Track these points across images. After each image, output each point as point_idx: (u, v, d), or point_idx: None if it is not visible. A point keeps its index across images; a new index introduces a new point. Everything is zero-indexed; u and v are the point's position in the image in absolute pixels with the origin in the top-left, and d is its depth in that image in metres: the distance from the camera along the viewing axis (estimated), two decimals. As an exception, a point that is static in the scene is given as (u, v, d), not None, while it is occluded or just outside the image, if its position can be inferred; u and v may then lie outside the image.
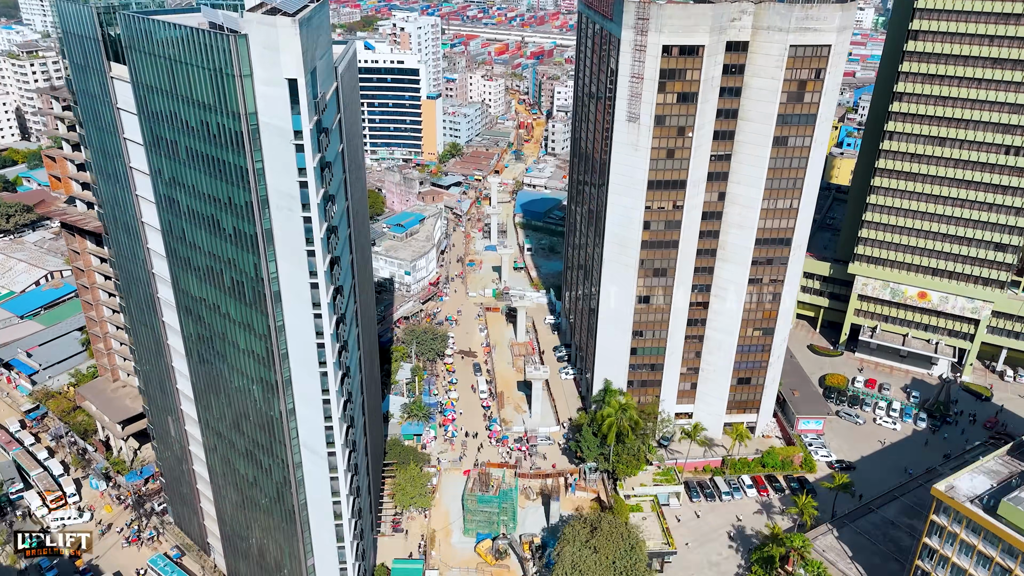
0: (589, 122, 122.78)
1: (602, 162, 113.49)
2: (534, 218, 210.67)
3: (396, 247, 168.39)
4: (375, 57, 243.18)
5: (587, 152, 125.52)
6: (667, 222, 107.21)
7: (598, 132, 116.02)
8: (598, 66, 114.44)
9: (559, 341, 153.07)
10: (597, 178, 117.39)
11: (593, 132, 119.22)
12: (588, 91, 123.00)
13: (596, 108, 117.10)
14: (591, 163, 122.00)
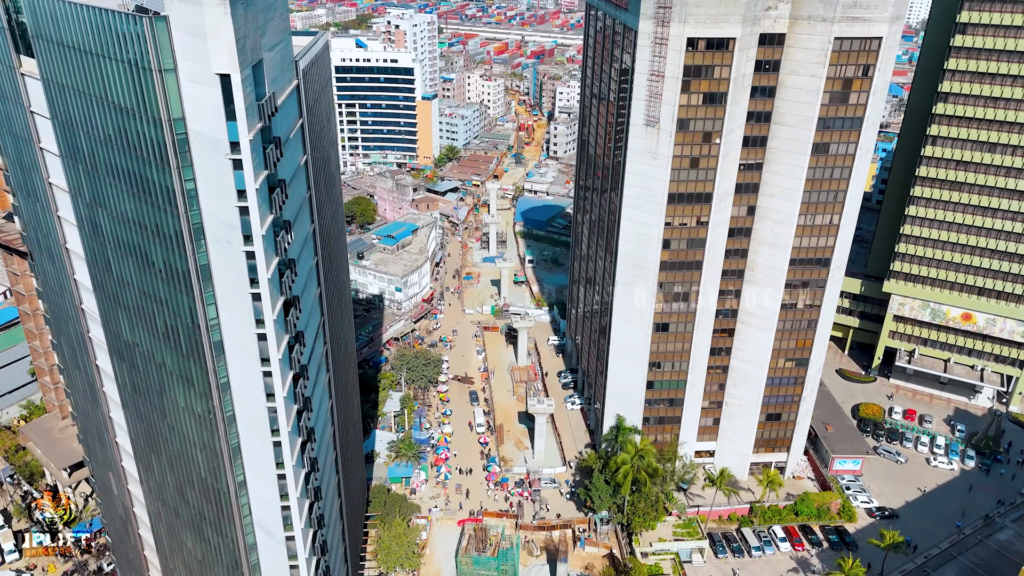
0: (599, 126, 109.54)
1: (614, 171, 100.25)
2: (536, 227, 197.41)
3: (386, 261, 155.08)
4: (367, 56, 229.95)
5: (596, 158, 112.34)
6: (690, 240, 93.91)
7: (609, 137, 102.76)
8: (610, 63, 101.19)
9: (564, 365, 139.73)
10: (608, 189, 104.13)
11: (604, 137, 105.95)
12: (597, 91, 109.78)
13: (607, 110, 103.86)
14: (601, 171, 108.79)
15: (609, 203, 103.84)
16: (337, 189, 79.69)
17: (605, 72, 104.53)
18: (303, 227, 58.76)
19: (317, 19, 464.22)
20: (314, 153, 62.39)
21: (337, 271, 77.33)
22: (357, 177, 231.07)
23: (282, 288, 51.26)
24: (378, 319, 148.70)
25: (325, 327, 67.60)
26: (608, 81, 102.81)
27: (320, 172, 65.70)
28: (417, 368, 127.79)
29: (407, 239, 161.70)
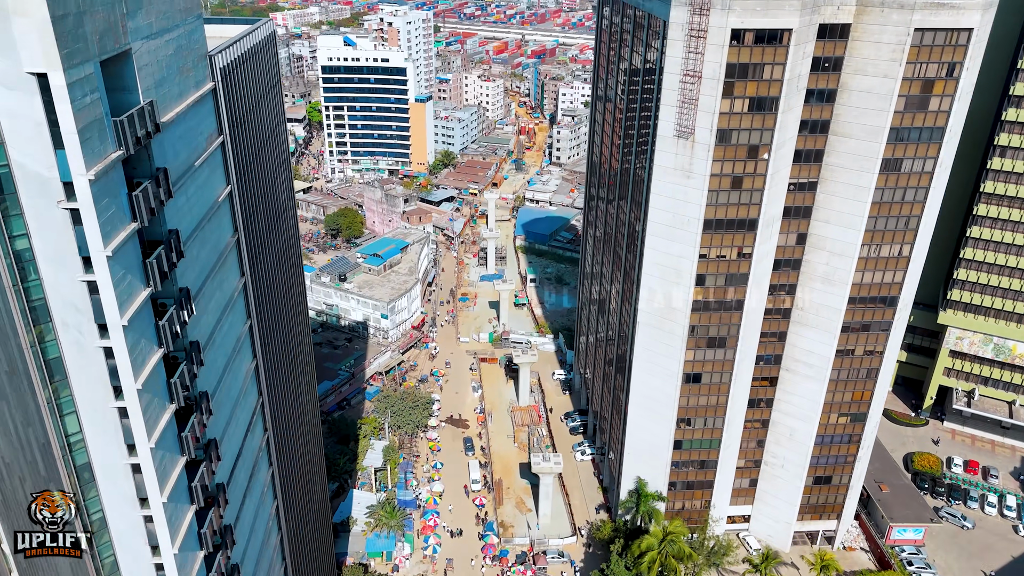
0: (614, 135, 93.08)
1: (634, 189, 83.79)
2: (538, 241, 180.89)
3: (371, 283, 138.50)
4: (356, 55, 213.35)
5: (610, 171, 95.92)
6: (729, 276, 77.38)
7: (628, 149, 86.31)
8: (629, 62, 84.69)
9: (571, 404, 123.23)
10: (627, 211, 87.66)
11: (620, 148, 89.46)
12: (612, 95, 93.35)
13: (625, 118, 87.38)
14: (617, 186, 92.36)
15: (628, 227, 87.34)
16: (289, 221, 63.08)
17: (623, 72, 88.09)
18: (223, 286, 42.26)
19: (310, 17, 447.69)
20: (245, 182, 45.89)
21: (288, 322, 60.80)
22: (345, 185, 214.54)
23: (173, 391, 34.70)
24: (362, 350, 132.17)
25: (266, 409, 51.04)
26: (627, 83, 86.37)
27: (257, 205, 49.19)
28: (404, 412, 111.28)
29: (395, 258, 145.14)
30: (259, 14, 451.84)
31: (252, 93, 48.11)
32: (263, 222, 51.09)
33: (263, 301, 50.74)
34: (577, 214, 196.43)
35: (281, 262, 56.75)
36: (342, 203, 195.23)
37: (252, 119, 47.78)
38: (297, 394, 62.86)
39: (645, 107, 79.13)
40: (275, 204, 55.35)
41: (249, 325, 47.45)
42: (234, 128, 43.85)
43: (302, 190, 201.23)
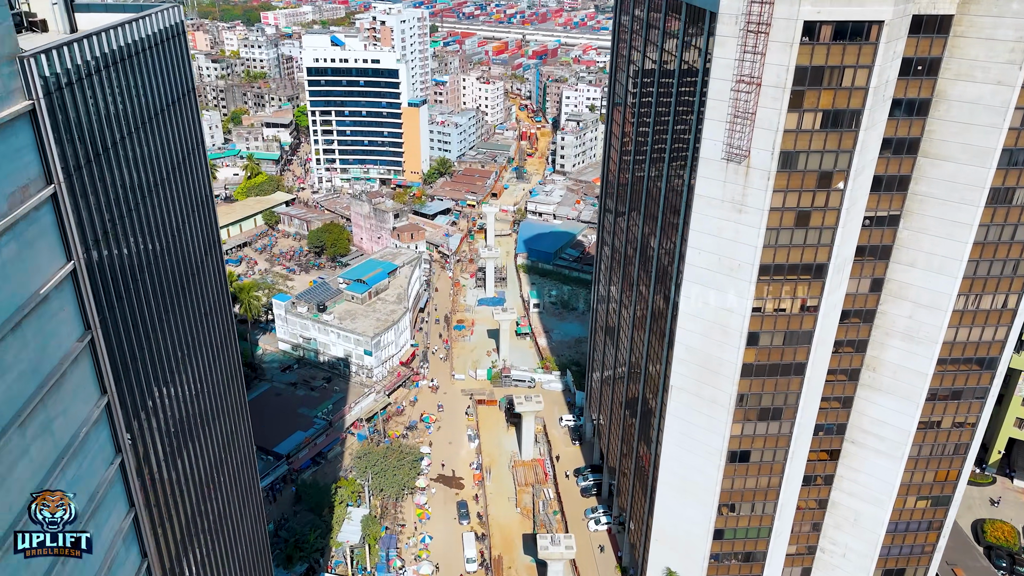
0: (637, 151, 77.17)
1: (665, 224, 67.91)
2: (541, 259, 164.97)
3: (355, 313, 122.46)
4: (344, 55, 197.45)
5: (630, 191, 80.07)
6: (790, 334, 61.47)
7: (656, 170, 70.48)
8: (659, 63, 68.79)
9: (582, 458, 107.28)
10: (654, 245, 71.77)
11: (647, 168, 73.54)
12: (635, 102, 77.41)
13: (652, 132, 71.48)
14: (640, 214, 76.49)
15: (657, 264, 71.45)
16: (211, 285, 46.91)
17: (648, 75, 72.23)
18: (60, 418, 26.27)
19: (303, 16, 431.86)
20: (110, 250, 29.89)
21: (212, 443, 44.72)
22: (332, 197, 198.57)
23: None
24: (342, 391, 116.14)
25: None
26: (654, 90, 70.48)
27: (138, 280, 33.16)
28: (387, 472, 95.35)
29: (382, 284, 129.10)
30: (251, 13, 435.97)
31: (126, 114, 32.08)
32: (154, 301, 35.05)
33: (155, 415, 34.77)
34: (584, 228, 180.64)
35: (193, 348, 40.71)
36: (328, 217, 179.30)
37: (124, 154, 31.71)
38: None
39: (681, 120, 63.25)
40: (181, 269, 39.32)
41: (120, 463, 31.45)
42: (83, 170, 27.89)
43: (284, 202, 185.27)
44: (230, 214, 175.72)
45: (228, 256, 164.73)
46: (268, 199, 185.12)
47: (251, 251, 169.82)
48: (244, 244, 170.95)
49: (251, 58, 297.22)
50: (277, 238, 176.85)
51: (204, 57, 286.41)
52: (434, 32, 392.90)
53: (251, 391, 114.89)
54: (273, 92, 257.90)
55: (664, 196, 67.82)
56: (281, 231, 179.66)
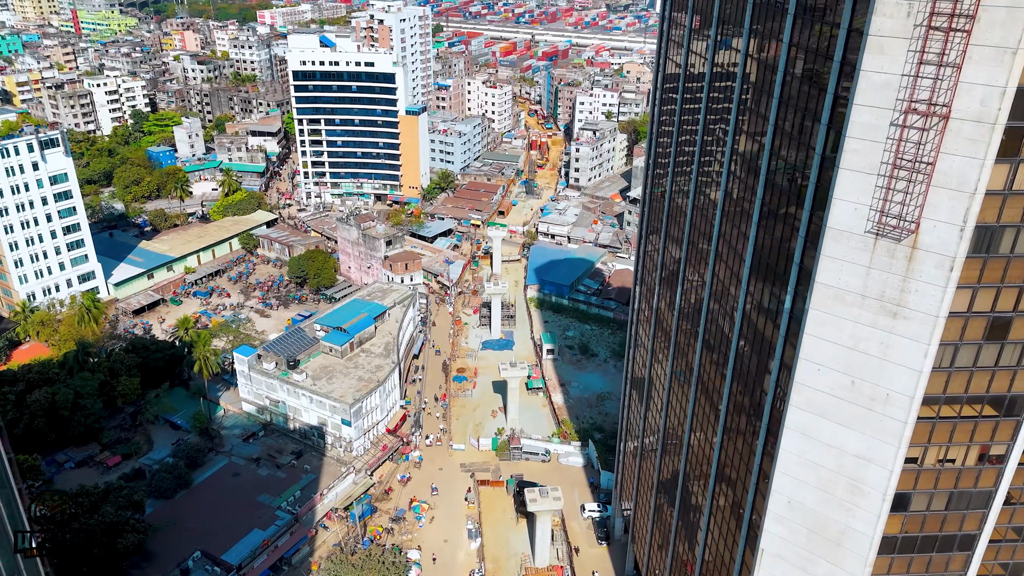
0: (700, 196, 55.87)
1: (755, 304, 46.53)
2: (555, 292, 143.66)
3: (332, 371, 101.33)
4: (334, 58, 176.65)
5: (696, 234, 58.75)
6: (959, 495, 40.06)
7: (737, 223, 49.16)
8: (742, 71, 47.38)
9: (611, 562, 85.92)
10: (733, 328, 50.38)
11: (720, 221, 52.17)
12: (693, 116, 56.07)
13: (732, 174, 50.13)
14: (711, 271, 55.12)
15: (737, 359, 50.13)
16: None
17: (722, 91, 50.95)
18: None
19: (301, 15, 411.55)
20: None
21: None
22: (320, 216, 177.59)
23: None
24: (315, 470, 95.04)
25: None
26: (735, 113, 49.13)
27: None
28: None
29: (367, 331, 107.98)
30: (247, 12, 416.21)
31: None
32: None
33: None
34: (603, 255, 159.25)
35: None
36: (314, 241, 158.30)
37: None
38: None
39: (784, 159, 41.96)
40: None
41: None
42: None
43: (265, 223, 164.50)
44: (202, 237, 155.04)
45: (197, 288, 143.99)
46: (247, 219, 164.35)
47: (225, 280, 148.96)
48: (217, 272, 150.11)
49: (241, 59, 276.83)
50: (255, 265, 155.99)
51: (190, 59, 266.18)
52: (438, 32, 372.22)
53: (205, 468, 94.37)
54: (262, 96, 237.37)
55: (754, 258, 46.47)
56: (260, 256, 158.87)
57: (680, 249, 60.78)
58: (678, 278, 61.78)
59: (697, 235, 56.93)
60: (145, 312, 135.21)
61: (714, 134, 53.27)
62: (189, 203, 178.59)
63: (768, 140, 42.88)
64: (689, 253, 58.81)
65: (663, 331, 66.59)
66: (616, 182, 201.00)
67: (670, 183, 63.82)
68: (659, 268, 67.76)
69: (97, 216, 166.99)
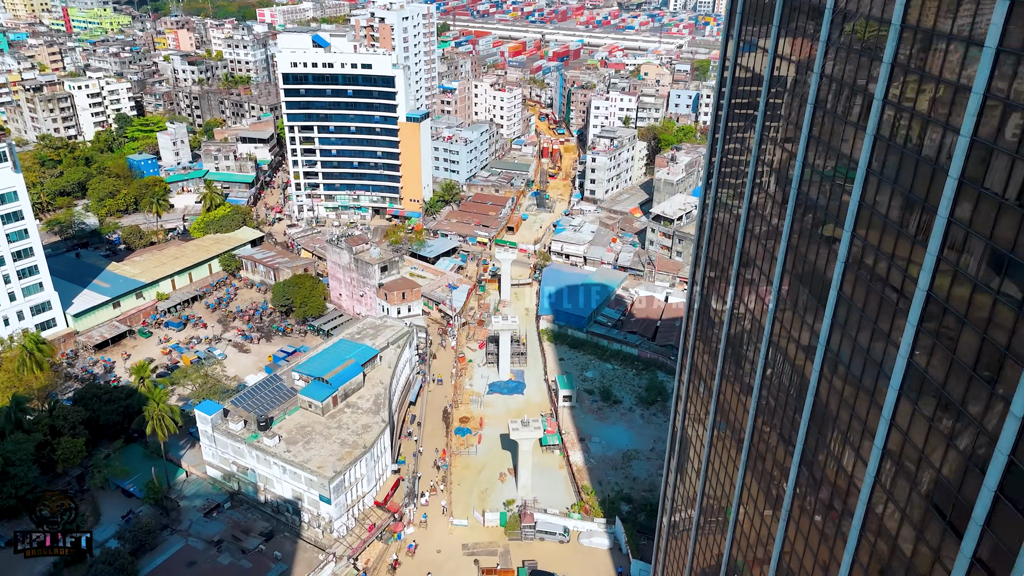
0: (800, 268, 39.50)
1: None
2: (572, 323, 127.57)
3: (311, 432, 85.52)
4: (328, 59, 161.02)
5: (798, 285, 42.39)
6: None
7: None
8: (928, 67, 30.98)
9: None
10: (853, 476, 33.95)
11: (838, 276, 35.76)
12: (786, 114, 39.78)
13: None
14: (819, 370, 38.71)
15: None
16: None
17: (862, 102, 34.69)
18: None
19: (303, 14, 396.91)
20: None
21: None
22: (312, 233, 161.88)
23: None
24: (286, 561, 79.05)
25: None
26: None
27: None
28: None
29: (354, 382, 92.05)
30: (246, 10, 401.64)
31: None
32: None
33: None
34: (624, 279, 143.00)
35: None
36: (303, 263, 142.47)
37: None
38: None
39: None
40: None
41: None
42: None
43: (250, 242, 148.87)
44: (179, 259, 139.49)
45: (169, 318, 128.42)
46: (230, 237, 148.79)
47: (202, 308, 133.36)
48: (194, 298, 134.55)
49: (235, 60, 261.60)
50: (237, 289, 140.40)
51: (180, 59, 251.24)
52: (444, 31, 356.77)
53: (156, 553, 78.62)
54: (254, 100, 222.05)
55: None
56: (243, 279, 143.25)
57: (766, 298, 44.66)
58: (758, 337, 45.68)
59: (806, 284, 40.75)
60: (109, 346, 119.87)
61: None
62: (170, 217, 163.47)
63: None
64: (780, 324, 42.65)
65: (733, 391, 50.46)
66: (635, 194, 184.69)
67: (747, 213, 47.72)
68: (726, 320, 51.58)
69: (67, 232, 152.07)
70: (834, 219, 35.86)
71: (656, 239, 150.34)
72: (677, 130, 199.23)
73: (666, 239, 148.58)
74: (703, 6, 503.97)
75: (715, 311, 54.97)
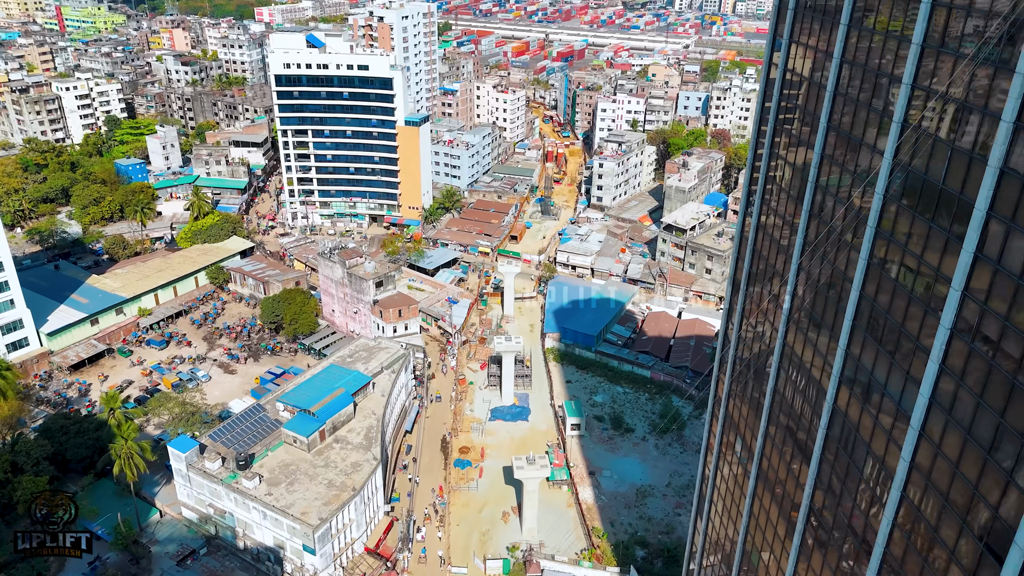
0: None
1: None
2: (579, 341, 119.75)
3: (295, 471, 77.77)
4: (323, 60, 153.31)
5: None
6: None
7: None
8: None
9: None
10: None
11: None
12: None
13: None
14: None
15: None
16: None
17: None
18: None
19: (302, 12, 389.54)
20: None
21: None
22: (306, 243, 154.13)
23: None
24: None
25: None
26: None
27: None
28: None
29: (343, 414, 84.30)
30: (244, 9, 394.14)
31: None
32: None
33: None
34: (634, 293, 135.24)
35: None
36: (294, 276, 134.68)
37: None
38: None
39: None
40: None
41: None
42: None
43: (240, 252, 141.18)
44: (163, 271, 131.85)
45: (151, 336, 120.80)
46: (218, 248, 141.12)
47: (187, 324, 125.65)
48: (178, 314, 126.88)
49: (231, 60, 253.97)
50: (224, 304, 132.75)
51: (173, 59, 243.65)
52: (446, 31, 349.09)
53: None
54: (248, 101, 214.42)
55: None
56: (232, 293, 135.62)
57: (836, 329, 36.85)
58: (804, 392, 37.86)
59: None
60: (86, 367, 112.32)
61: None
62: (157, 225, 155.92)
63: None
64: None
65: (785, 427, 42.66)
66: (644, 201, 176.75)
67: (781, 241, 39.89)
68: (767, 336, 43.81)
69: (48, 242, 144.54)
70: (933, 275, 28.05)
71: (667, 250, 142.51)
72: (687, 134, 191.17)
73: (678, 250, 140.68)
74: (709, 5, 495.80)
75: (758, 355, 47.15)
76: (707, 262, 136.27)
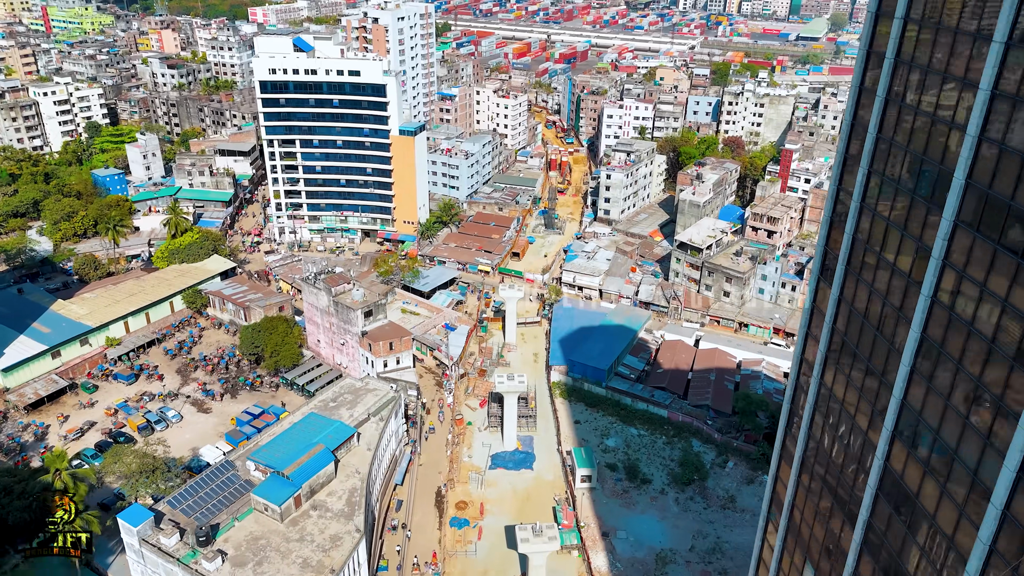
0: None
1: None
2: (588, 375, 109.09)
3: (265, 546, 67.16)
4: (311, 65, 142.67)
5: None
6: None
7: None
8: None
9: None
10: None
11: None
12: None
13: None
14: None
15: None
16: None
17: None
18: None
19: (296, 13, 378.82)
20: None
21: None
22: (292, 262, 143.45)
23: None
24: None
25: None
26: None
27: None
28: None
29: (324, 474, 73.67)
30: (238, 9, 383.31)
31: None
32: None
33: None
34: (647, 319, 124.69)
35: None
36: (278, 300, 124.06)
37: None
38: None
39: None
40: None
41: None
42: None
43: (220, 274, 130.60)
44: (135, 295, 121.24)
45: (117, 369, 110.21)
46: (197, 269, 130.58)
47: (160, 354, 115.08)
48: (151, 343, 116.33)
49: (220, 63, 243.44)
50: (202, 331, 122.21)
51: (159, 62, 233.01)
52: (445, 32, 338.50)
53: None
54: (236, 107, 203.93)
55: None
56: (211, 318, 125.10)
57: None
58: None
59: None
60: (46, 404, 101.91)
61: None
62: (134, 242, 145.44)
63: None
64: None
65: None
66: (655, 214, 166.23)
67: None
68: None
69: (16, 261, 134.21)
70: None
71: (682, 270, 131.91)
72: (699, 141, 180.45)
73: (694, 271, 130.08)
74: (714, 5, 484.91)
75: (851, 439, 36.51)
76: (725, 284, 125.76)
